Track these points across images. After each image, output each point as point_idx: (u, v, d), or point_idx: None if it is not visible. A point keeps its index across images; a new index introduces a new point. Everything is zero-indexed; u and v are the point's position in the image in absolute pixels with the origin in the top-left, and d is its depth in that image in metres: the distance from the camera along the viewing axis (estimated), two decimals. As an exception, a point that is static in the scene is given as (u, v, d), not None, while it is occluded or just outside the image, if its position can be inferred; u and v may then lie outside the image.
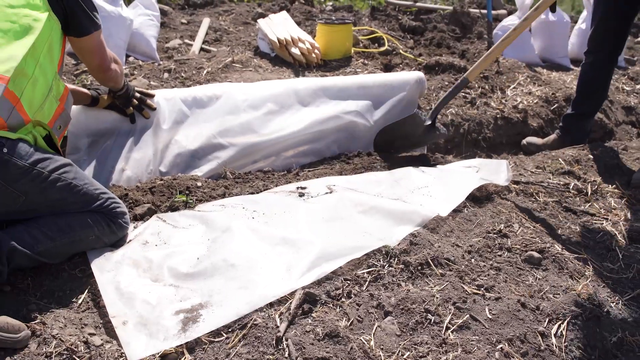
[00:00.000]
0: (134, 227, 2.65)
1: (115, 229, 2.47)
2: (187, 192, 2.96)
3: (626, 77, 5.73)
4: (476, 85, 4.54)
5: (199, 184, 3.04)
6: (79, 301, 2.26)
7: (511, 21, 5.54)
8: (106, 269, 2.32)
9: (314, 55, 4.58)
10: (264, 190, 3.07)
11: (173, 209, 2.83)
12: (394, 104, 3.91)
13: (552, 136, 4.19)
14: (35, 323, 2.09)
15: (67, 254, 2.39)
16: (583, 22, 5.78)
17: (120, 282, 2.27)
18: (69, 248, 2.35)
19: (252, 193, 3.03)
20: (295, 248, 2.51)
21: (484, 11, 6.02)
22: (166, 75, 4.11)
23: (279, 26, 4.81)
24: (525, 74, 4.94)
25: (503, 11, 6.46)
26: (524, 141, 4.25)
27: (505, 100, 4.50)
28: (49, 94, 2.40)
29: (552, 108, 4.62)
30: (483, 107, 4.35)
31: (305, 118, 3.60)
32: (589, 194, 3.35)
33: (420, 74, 4.07)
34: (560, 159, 3.76)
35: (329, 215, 2.75)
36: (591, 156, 3.82)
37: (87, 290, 2.31)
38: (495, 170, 3.38)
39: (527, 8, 5.50)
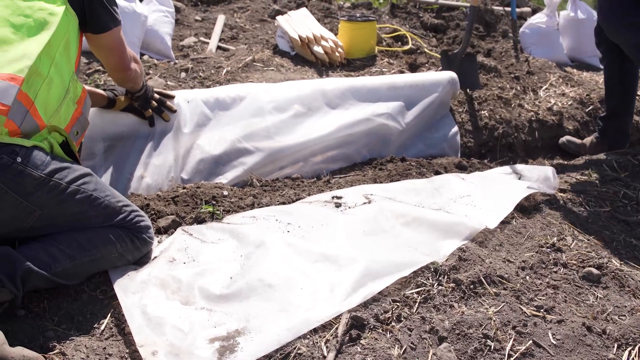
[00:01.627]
0: (158, 242, 2.42)
1: (139, 245, 2.23)
2: (213, 202, 2.73)
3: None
4: (508, 86, 4.31)
5: (225, 192, 2.80)
6: (102, 327, 2.02)
7: (539, 19, 5.31)
8: (131, 291, 2.09)
9: (337, 54, 4.34)
10: (296, 199, 2.84)
11: (199, 220, 2.59)
12: (426, 106, 3.68)
13: (591, 138, 3.96)
14: (54, 354, 1.86)
15: (87, 274, 2.15)
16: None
17: (147, 305, 2.03)
18: (89, 267, 2.12)
19: (284, 203, 2.80)
20: (337, 265, 2.29)
21: (508, 9, 5.80)
22: (183, 74, 3.88)
23: (299, 23, 4.57)
24: (557, 74, 4.70)
25: (527, 9, 6.22)
26: (563, 139, 4.03)
27: (539, 102, 4.27)
28: (66, 96, 2.17)
29: (587, 110, 4.39)
30: (517, 109, 4.12)
31: (334, 121, 3.36)
32: (641, 203, 3.12)
33: (452, 74, 3.84)
34: (604, 165, 3.53)
35: (369, 228, 2.52)
36: (635, 162, 3.59)
37: (109, 315, 2.07)
38: (540, 178, 3.15)
39: (556, 6, 5.28)
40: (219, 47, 4.54)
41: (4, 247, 1.95)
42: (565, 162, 3.77)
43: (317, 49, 4.29)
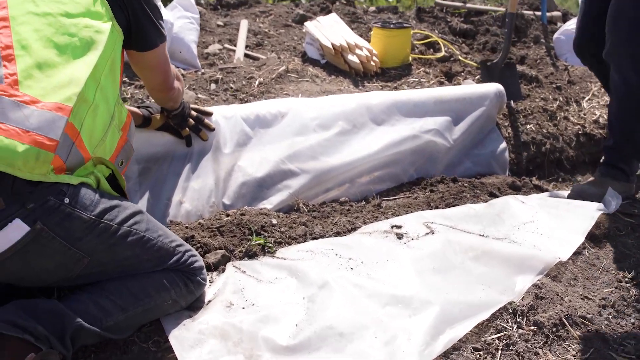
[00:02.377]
0: (210, 282, 2.19)
1: (193, 289, 2.00)
2: (262, 232, 2.50)
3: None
4: (551, 97, 4.10)
5: (274, 221, 2.58)
6: (158, 387, 1.79)
7: (574, 25, 5.09)
8: (189, 344, 1.86)
9: (372, 63, 4.11)
10: (351, 228, 2.61)
11: (250, 255, 2.37)
12: (473, 121, 3.46)
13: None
14: (108, 422, 1.63)
15: (139, 325, 1.91)
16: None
17: (208, 361, 1.80)
18: (141, 318, 1.88)
19: (339, 233, 2.58)
20: (410, 309, 2.06)
21: (538, 13, 5.58)
22: (213, 86, 3.64)
23: (329, 30, 4.34)
24: (597, 84, 4.48)
25: (557, 13, 5.99)
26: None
27: (584, 114, 4.06)
28: (111, 123, 1.93)
29: (633, 122, 4.17)
30: (563, 122, 3.90)
31: (380, 138, 3.14)
32: None
33: (499, 87, 3.62)
34: (665, 184, 3.32)
35: (439, 264, 2.30)
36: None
37: (165, 371, 1.84)
38: (604, 199, 2.93)
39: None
40: (246, 55, 4.31)
41: (51, 302, 1.72)
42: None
43: (352, 58, 4.06)
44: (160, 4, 2.23)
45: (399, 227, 2.55)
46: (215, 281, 2.19)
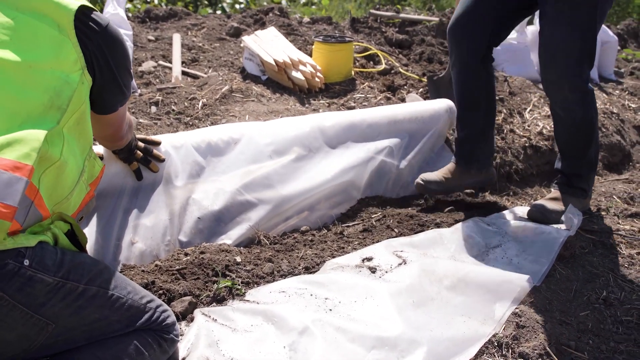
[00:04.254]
0: (180, 335, 2.00)
1: (167, 348, 1.82)
2: (227, 272, 2.33)
3: (627, 92, 5.44)
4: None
5: (238, 258, 2.41)
6: None
7: (510, 35, 5.15)
8: (168, 412, 1.68)
9: (317, 79, 3.99)
10: (320, 262, 2.48)
11: (219, 299, 2.20)
12: (425, 139, 3.40)
13: (450, 167, 3.20)
14: None
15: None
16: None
17: None
18: (115, 390, 1.69)
19: (307, 268, 2.44)
20: (397, 351, 1.96)
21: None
22: (154, 108, 3.42)
23: (270, 45, 4.18)
24: (537, 94, 4.54)
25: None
26: (419, 180, 3.11)
27: (528, 126, 4.08)
28: (79, 179, 1.73)
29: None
30: (510, 135, 3.91)
31: (336, 162, 3.02)
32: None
33: (450, 103, 3.58)
34: (615, 197, 3.36)
35: (418, 298, 2.21)
36: (641, 190, 3.45)
37: None
38: (565, 218, 2.93)
39: (525, 21, 5.13)
40: (183, 73, 4.09)
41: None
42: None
43: (296, 74, 3.92)
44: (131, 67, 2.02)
45: (369, 259, 2.44)
46: (186, 333, 2.01)
